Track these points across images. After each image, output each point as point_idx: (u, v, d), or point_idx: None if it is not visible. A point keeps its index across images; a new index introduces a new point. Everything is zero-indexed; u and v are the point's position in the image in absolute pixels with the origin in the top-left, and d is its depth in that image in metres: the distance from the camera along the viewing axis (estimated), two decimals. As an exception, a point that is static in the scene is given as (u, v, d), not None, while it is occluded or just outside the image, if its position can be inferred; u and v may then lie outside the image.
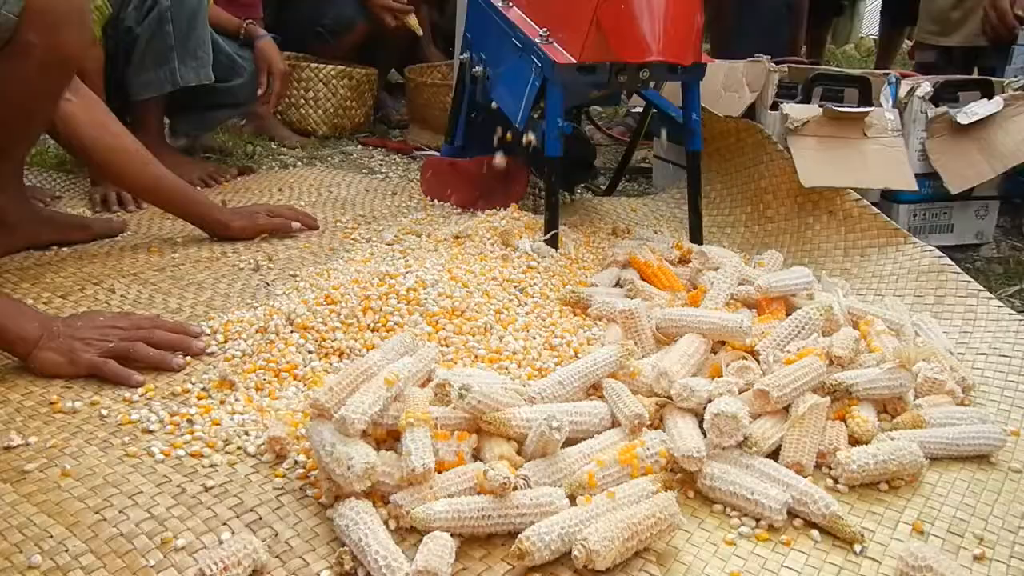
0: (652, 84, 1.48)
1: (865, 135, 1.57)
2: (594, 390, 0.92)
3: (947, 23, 2.24)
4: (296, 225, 1.50)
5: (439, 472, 0.73)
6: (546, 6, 1.42)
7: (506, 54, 1.50)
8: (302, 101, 2.33)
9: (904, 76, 1.98)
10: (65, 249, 1.40)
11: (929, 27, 2.30)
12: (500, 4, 1.51)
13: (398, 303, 1.07)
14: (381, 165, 2.17)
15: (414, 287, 1.10)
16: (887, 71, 1.73)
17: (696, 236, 1.48)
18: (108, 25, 1.66)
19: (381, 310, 1.06)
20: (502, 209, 1.56)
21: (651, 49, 1.30)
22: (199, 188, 1.80)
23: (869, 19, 5.85)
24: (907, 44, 3.16)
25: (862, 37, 5.75)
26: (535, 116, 1.44)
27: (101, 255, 1.38)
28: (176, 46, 1.73)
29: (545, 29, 1.39)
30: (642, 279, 1.25)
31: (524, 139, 1.46)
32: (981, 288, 1.27)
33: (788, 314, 1.15)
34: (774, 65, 1.64)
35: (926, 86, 1.62)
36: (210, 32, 1.78)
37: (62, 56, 1.12)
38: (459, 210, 1.72)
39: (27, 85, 1.11)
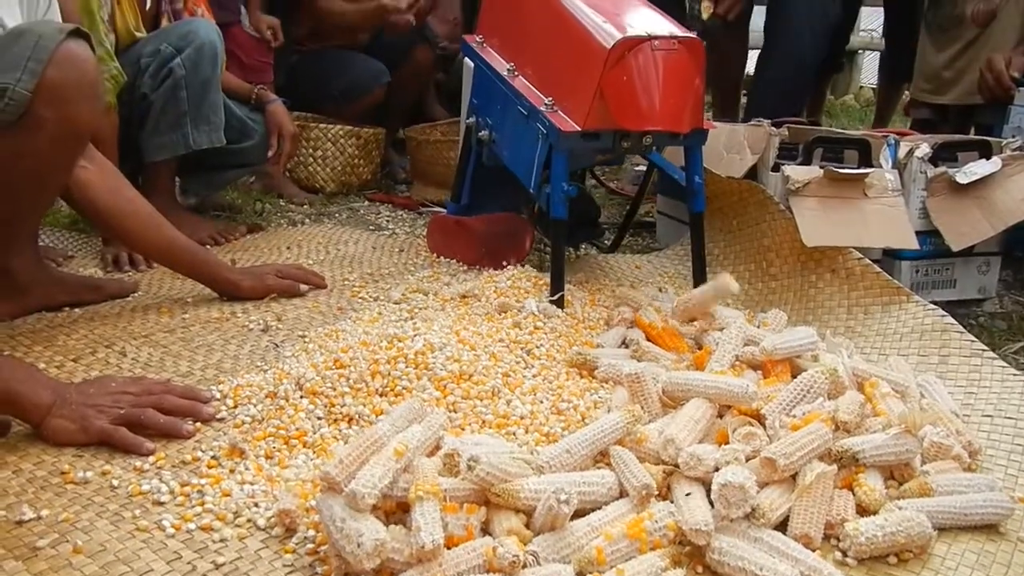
0: (655, 148, 1.51)
1: (866, 195, 1.59)
2: (602, 456, 0.92)
3: (940, 82, 2.29)
4: (304, 287, 1.52)
5: (449, 548, 0.73)
6: (551, 76, 1.46)
7: (512, 120, 1.54)
8: (311, 159, 2.37)
9: (902, 135, 2.02)
10: (77, 310, 1.42)
11: (923, 85, 2.34)
12: (505, 73, 1.55)
13: (406, 367, 1.08)
14: (388, 221, 2.20)
15: (422, 350, 1.11)
16: (886, 133, 1.76)
17: (700, 295, 1.50)
18: (123, 92, 1.71)
19: (390, 374, 1.07)
20: (508, 268, 1.58)
21: (653, 119, 1.35)
22: (209, 247, 1.83)
23: (868, 68, 5.96)
24: (907, 95, 3.21)
25: (861, 87, 5.84)
26: (541, 180, 1.47)
27: (112, 316, 1.40)
28: (190, 111, 1.77)
29: (550, 98, 1.43)
30: (647, 340, 1.26)
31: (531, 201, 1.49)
32: (985, 348, 1.28)
33: (793, 376, 1.15)
34: (775, 129, 1.68)
35: (925, 147, 1.65)
36: (222, 97, 1.83)
37: (75, 129, 1.16)
38: (465, 267, 1.74)
39: (40, 157, 1.14)
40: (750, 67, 2.75)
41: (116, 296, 1.50)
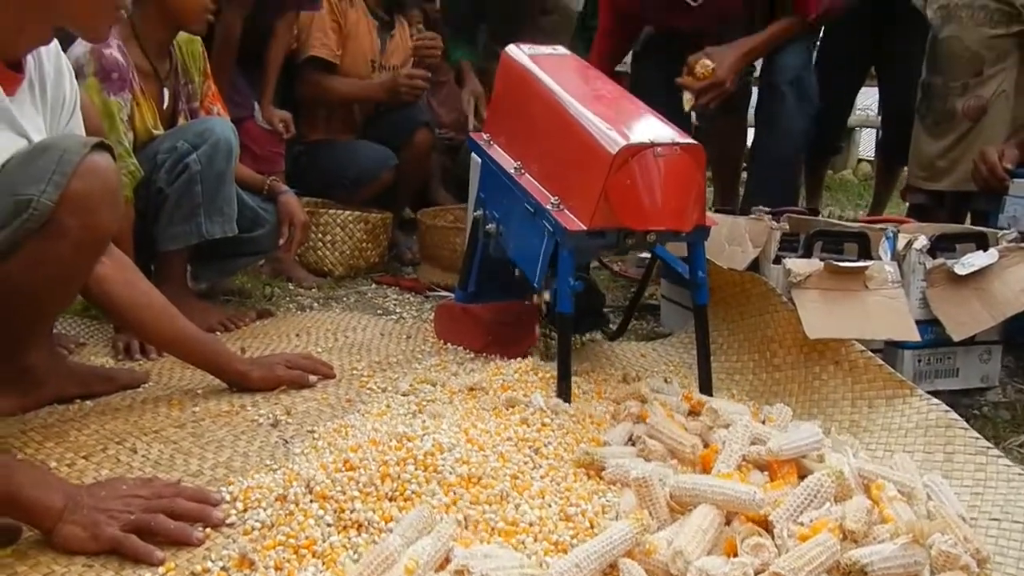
0: (658, 243, 1.54)
1: (866, 287, 1.62)
2: (611, 569, 0.92)
3: (935, 170, 2.35)
4: (313, 378, 1.54)
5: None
6: (557, 176, 1.50)
7: (519, 216, 1.58)
8: (320, 244, 2.42)
9: (900, 223, 2.06)
10: (89, 403, 1.44)
11: (919, 173, 2.40)
12: (512, 171, 1.60)
13: (416, 469, 1.09)
14: (395, 305, 2.23)
15: (431, 451, 1.12)
16: (884, 225, 1.81)
17: (706, 387, 1.51)
18: (140, 186, 1.76)
19: (399, 477, 1.08)
20: (514, 359, 1.60)
21: (656, 219, 1.39)
22: (219, 333, 1.86)
23: (866, 142, 6.08)
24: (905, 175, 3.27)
25: (860, 161, 5.96)
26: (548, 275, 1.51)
27: (124, 409, 1.41)
28: (204, 203, 1.82)
29: (556, 197, 1.47)
30: (654, 439, 1.27)
31: (537, 297, 1.53)
32: (990, 446, 1.29)
33: (800, 476, 1.16)
34: (775, 223, 1.72)
35: (923, 239, 1.68)
36: (236, 189, 1.88)
37: (97, 236, 1.19)
38: (472, 354, 1.76)
39: (62, 263, 1.17)
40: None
41: (128, 387, 1.51)
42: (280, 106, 2.43)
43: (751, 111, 2.72)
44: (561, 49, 1.79)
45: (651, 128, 1.47)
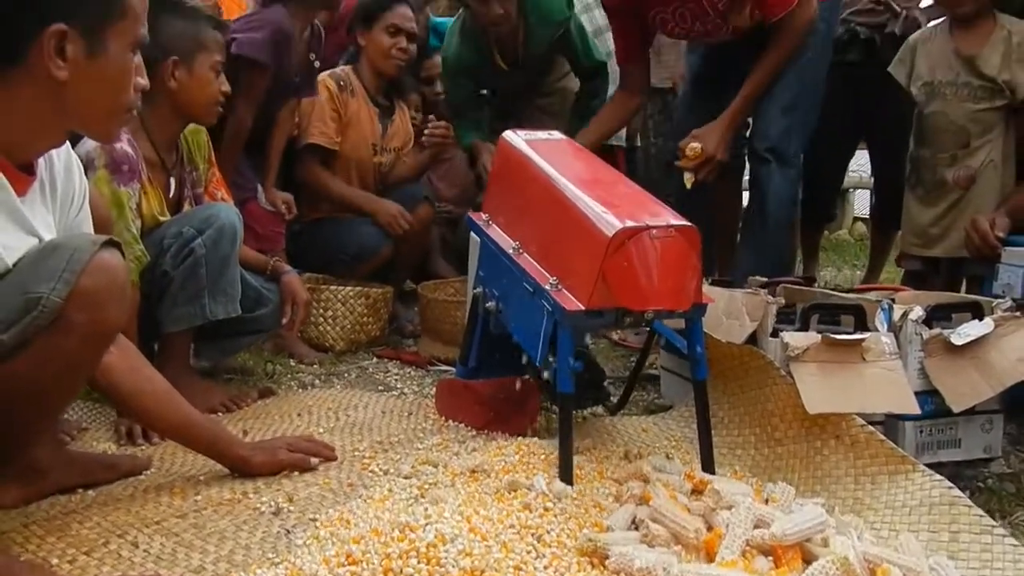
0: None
1: (864, 359, 1.63)
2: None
3: (928, 237, 2.38)
4: (315, 461, 1.54)
5: None
6: (555, 257, 1.53)
7: (518, 295, 1.61)
8: (321, 319, 2.44)
9: (895, 291, 2.09)
10: (91, 492, 1.44)
11: (912, 240, 2.43)
12: (511, 251, 1.63)
13: (419, 563, 1.09)
14: (396, 380, 2.24)
15: (434, 543, 1.12)
16: (880, 296, 1.83)
17: (708, 465, 1.51)
18: (145, 270, 1.79)
19: (402, 572, 1.08)
20: (516, 437, 1.60)
21: (654, 299, 1.41)
22: (221, 414, 1.87)
23: (860, 201, 6.15)
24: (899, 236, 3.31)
25: (855, 219, 6.02)
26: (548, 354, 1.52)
27: (126, 499, 1.41)
28: (208, 285, 1.85)
29: (555, 277, 1.49)
30: (657, 523, 1.27)
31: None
32: (995, 524, 1.28)
33: (805, 560, 1.16)
34: (771, 297, 1.74)
35: (918, 310, 1.70)
36: (239, 271, 1.91)
37: (104, 331, 1.21)
38: (474, 432, 1.76)
39: (69, 358, 1.19)
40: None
41: (130, 474, 1.51)
42: (283, 185, 2.49)
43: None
44: (556, 134, 1.85)
45: (646, 211, 1.50)
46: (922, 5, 2.68)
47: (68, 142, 1.37)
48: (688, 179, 2.30)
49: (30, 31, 1.16)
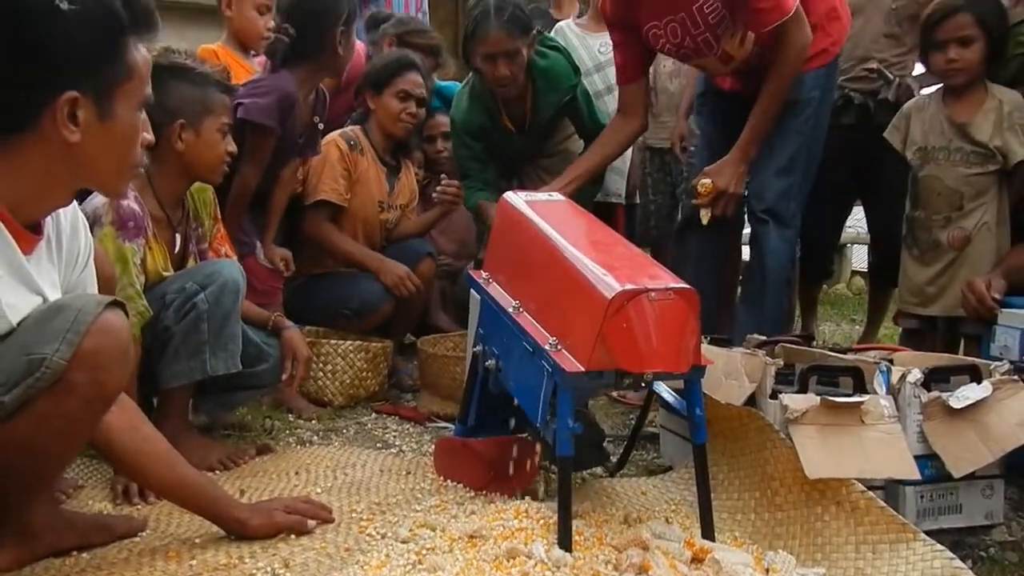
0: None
1: (863, 422, 1.63)
2: None
3: (925, 296, 2.40)
4: (312, 523, 1.53)
5: None
6: (554, 317, 1.54)
7: (518, 354, 1.61)
8: (320, 373, 2.44)
9: (893, 351, 2.09)
10: (85, 555, 1.42)
11: (909, 299, 2.45)
12: (511, 310, 1.64)
13: (416, 636, 1.07)
14: (395, 437, 2.23)
15: (431, 613, 1.11)
16: (878, 358, 1.83)
17: (707, 531, 1.50)
18: (147, 325, 1.80)
19: (399, 644, 1.06)
20: (515, 500, 1.59)
21: (653, 361, 1.42)
22: (218, 472, 1.85)
23: (858, 255, 6.19)
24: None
25: (853, 273, 6.05)
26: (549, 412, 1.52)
27: (120, 563, 1.39)
28: (209, 340, 1.86)
29: (554, 338, 1.50)
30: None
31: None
32: (998, 596, 1.27)
33: (806, 632, 1.14)
34: (770, 359, 1.75)
35: (916, 372, 1.71)
36: (241, 326, 1.92)
37: (105, 392, 1.22)
38: (472, 492, 1.75)
39: (69, 419, 1.19)
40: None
41: (125, 536, 1.50)
42: (284, 240, 2.52)
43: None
44: (556, 195, 1.88)
45: (645, 273, 1.51)
46: (914, 73, 2.74)
47: (75, 200, 1.40)
48: (704, 215, 2.33)
49: (43, 99, 1.19)
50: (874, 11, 2.77)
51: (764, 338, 2.09)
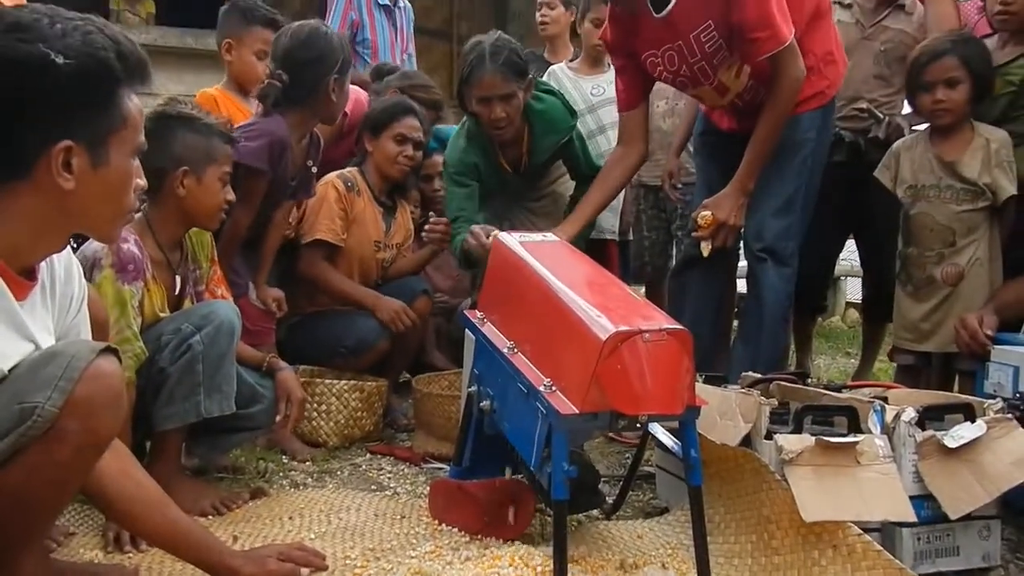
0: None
1: (859, 463, 1.63)
2: None
3: (920, 333, 2.41)
4: (305, 572, 1.51)
5: None
6: (549, 358, 1.55)
7: (513, 395, 1.61)
8: (314, 414, 2.43)
9: (888, 388, 2.10)
10: (75, 605, 1.40)
11: (904, 335, 2.46)
12: (506, 351, 1.64)
13: None
14: (389, 479, 2.22)
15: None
16: (872, 396, 1.84)
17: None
18: (142, 366, 1.80)
19: None
20: (510, 544, 1.58)
21: (647, 403, 1.42)
22: (211, 517, 1.84)
23: (852, 288, 6.21)
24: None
25: (847, 304, 6.06)
26: (544, 454, 1.52)
27: (110, 614, 1.38)
28: (204, 382, 1.85)
29: (549, 379, 1.50)
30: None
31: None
32: (997, 643, 1.26)
33: None
34: (764, 399, 1.75)
35: (910, 411, 1.71)
36: (236, 367, 1.92)
37: (98, 441, 1.21)
38: (468, 537, 1.74)
39: (60, 468, 1.18)
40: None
41: (116, 586, 1.48)
42: (278, 279, 2.52)
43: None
44: (551, 235, 1.89)
45: (639, 314, 1.52)
46: (903, 112, 2.78)
47: (71, 244, 1.41)
48: (705, 247, 2.36)
49: (37, 148, 1.20)
50: (863, 53, 2.83)
51: (759, 376, 2.09)
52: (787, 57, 2.22)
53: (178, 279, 1.97)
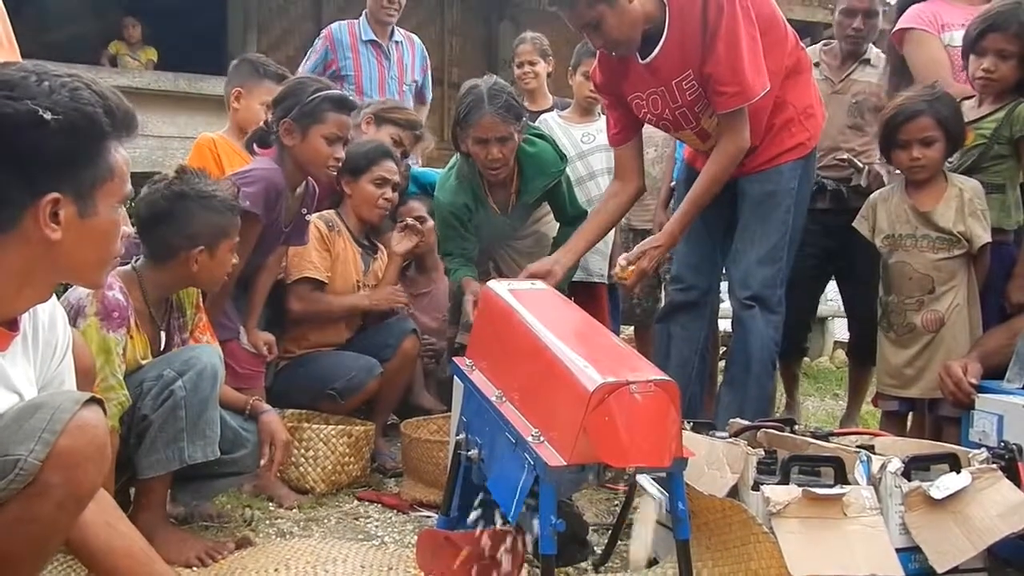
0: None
1: (845, 515, 1.63)
2: None
3: (903, 378, 2.43)
4: (290, 626, 1.49)
5: None
6: (537, 408, 1.55)
7: (500, 445, 1.61)
8: (302, 460, 2.41)
9: (874, 435, 2.11)
10: (54, 663, 1.37)
11: (888, 381, 2.48)
12: (494, 399, 1.64)
13: None
14: (377, 527, 2.20)
15: None
16: (858, 449, 1.84)
17: (694, 632, 1.48)
18: (125, 413, 1.79)
19: None
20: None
21: (634, 456, 1.42)
22: (196, 568, 1.81)
23: (839, 329, 6.23)
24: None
25: (836, 344, 6.08)
26: (531, 506, 1.51)
27: (89, 669, 1.35)
28: (187, 428, 1.84)
29: (537, 430, 1.50)
30: None
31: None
32: None
33: None
34: (751, 449, 1.75)
35: (896, 462, 1.72)
36: (219, 412, 1.91)
37: (79, 493, 1.20)
38: (456, 591, 1.71)
39: (43, 522, 1.17)
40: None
41: (99, 639, 1.45)
42: (268, 324, 2.53)
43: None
44: (540, 283, 1.90)
45: (627, 365, 1.53)
46: (880, 158, 2.84)
47: (55, 293, 1.40)
48: (623, 269, 2.41)
49: (25, 201, 1.20)
50: (836, 106, 2.94)
51: (746, 423, 2.10)
52: (740, 121, 2.31)
53: (163, 335, 1.97)
